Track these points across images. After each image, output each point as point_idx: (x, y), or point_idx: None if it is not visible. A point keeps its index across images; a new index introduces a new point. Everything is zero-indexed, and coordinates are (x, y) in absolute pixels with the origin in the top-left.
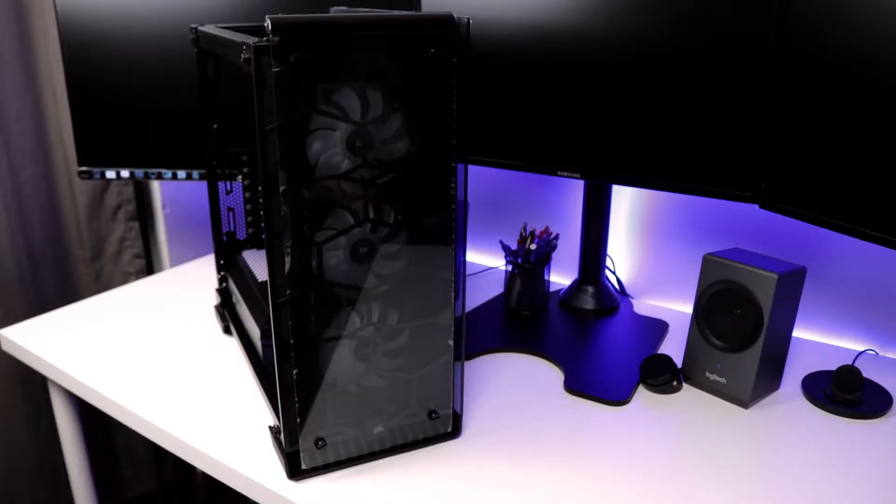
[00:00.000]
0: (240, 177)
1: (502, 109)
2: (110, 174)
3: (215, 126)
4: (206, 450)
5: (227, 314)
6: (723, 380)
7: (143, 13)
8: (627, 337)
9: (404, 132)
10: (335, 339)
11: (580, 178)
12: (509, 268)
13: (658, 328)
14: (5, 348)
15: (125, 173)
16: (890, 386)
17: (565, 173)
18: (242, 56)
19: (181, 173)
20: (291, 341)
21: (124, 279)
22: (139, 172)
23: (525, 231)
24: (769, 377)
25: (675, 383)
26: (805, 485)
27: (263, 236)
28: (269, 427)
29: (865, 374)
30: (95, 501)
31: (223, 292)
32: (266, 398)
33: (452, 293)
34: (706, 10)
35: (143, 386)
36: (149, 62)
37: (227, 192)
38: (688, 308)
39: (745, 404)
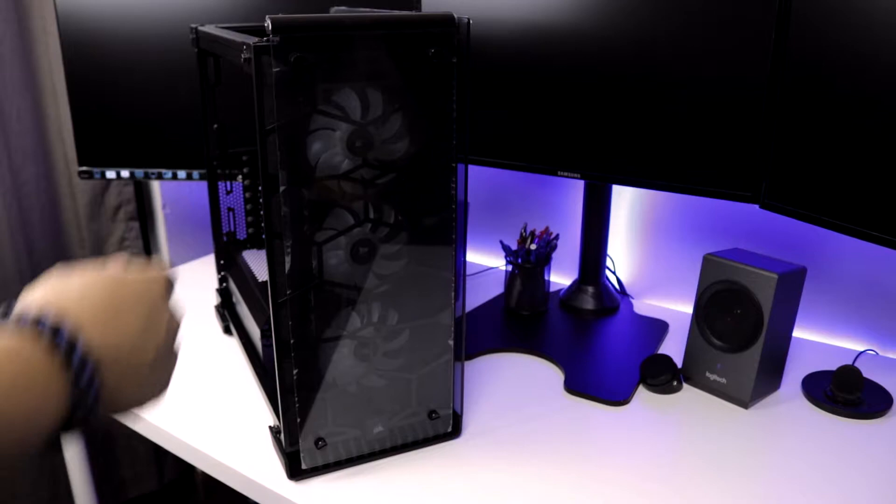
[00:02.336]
0: (240, 177)
1: (502, 109)
2: (110, 174)
3: (215, 126)
4: (207, 450)
5: (228, 314)
6: (723, 380)
7: (143, 13)
8: (627, 337)
9: (404, 132)
10: (335, 340)
11: (580, 179)
12: (509, 268)
13: (658, 328)
14: None
15: (125, 173)
16: (890, 386)
17: (565, 173)
18: (243, 56)
19: (181, 173)
20: (291, 341)
21: None
22: (139, 172)
23: (525, 231)
24: (769, 377)
25: (675, 383)
26: (805, 485)
27: (264, 236)
28: (270, 427)
29: (866, 374)
30: (96, 502)
31: (223, 292)
32: (266, 398)
33: (452, 293)
34: (706, 10)
35: None
36: (149, 62)
37: (228, 192)
38: (688, 308)
39: (745, 404)
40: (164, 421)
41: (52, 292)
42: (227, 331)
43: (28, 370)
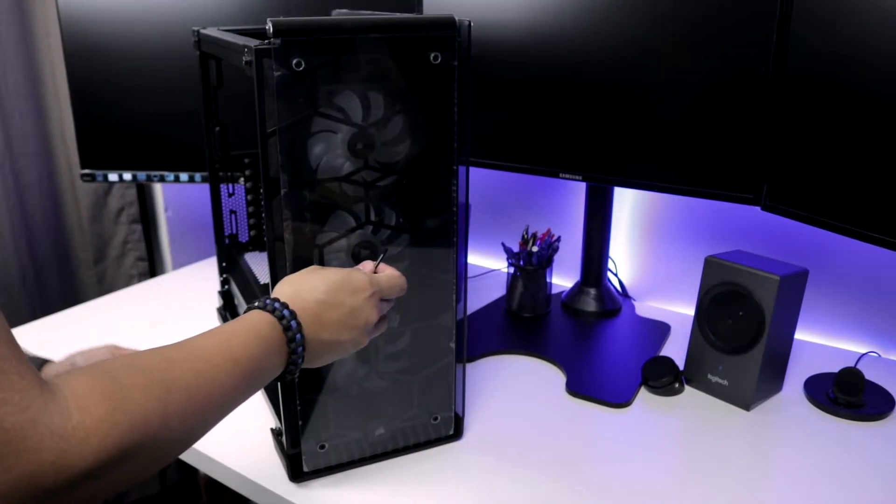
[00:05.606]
0: (242, 179)
1: (504, 112)
2: (113, 177)
3: (217, 128)
4: (209, 452)
5: (230, 316)
6: (725, 382)
7: (145, 16)
8: (629, 339)
9: (406, 134)
10: None
11: (582, 181)
12: (511, 270)
13: (660, 330)
14: None
15: (127, 176)
16: (892, 388)
17: (567, 175)
18: (244, 59)
19: (183, 176)
20: None
21: (127, 282)
22: (141, 175)
23: (527, 233)
24: (771, 379)
25: (676, 385)
26: (807, 487)
27: (265, 238)
28: (271, 429)
29: (868, 377)
30: None
31: (225, 294)
32: (268, 400)
33: (454, 295)
34: (708, 12)
35: None
36: (151, 65)
37: (230, 195)
38: (690, 310)
39: (747, 406)
40: None
41: (291, 285)
42: None
43: (273, 334)
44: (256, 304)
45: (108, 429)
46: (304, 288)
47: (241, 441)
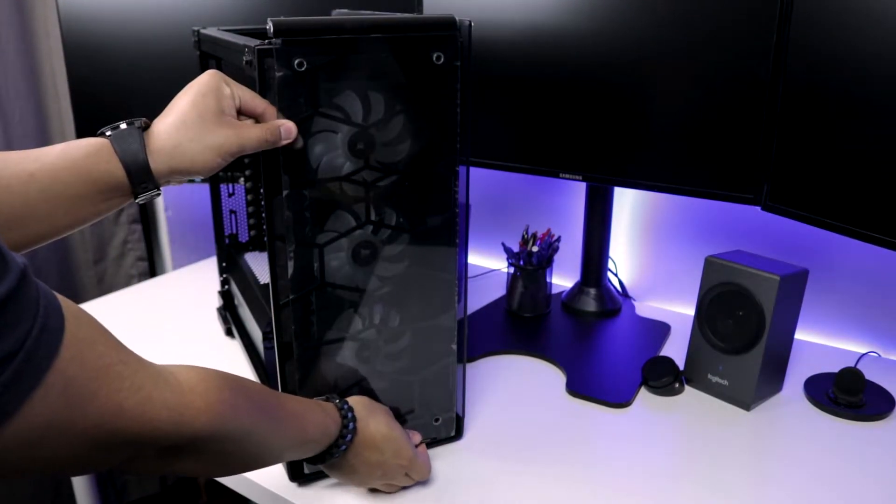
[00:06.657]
0: (242, 179)
1: (504, 111)
2: None
3: None
4: None
5: (230, 316)
6: (725, 382)
7: (145, 16)
8: (629, 339)
9: (406, 134)
10: (337, 342)
11: (582, 181)
12: (511, 270)
13: (660, 330)
14: None
15: None
16: (893, 388)
17: (567, 175)
18: (245, 59)
19: None
20: (293, 344)
21: (127, 282)
22: None
23: (527, 233)
24: (771, 379)
25: (676, 385)
26: (807, 487)
27: (266, 239)
28: None
29: (868, 377)
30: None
31: (225, 294)
32: None
33: (454, 295)
34: (708, 12)
35: None
36: (151, 65)
37: (230, 195)
38: (690, 310)
39: (747, 406)
40: None
41: (367, 409)
42: (228, 333)
43: (332, 431)
44: (337, 401)
45: (214, 413)
46: (375, 418)
47: None
